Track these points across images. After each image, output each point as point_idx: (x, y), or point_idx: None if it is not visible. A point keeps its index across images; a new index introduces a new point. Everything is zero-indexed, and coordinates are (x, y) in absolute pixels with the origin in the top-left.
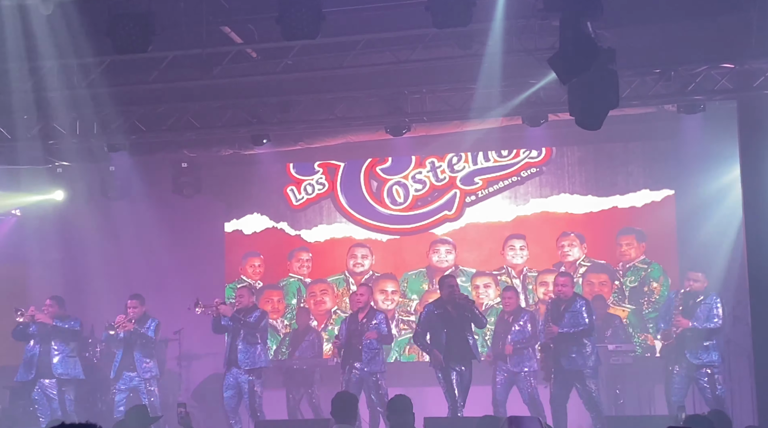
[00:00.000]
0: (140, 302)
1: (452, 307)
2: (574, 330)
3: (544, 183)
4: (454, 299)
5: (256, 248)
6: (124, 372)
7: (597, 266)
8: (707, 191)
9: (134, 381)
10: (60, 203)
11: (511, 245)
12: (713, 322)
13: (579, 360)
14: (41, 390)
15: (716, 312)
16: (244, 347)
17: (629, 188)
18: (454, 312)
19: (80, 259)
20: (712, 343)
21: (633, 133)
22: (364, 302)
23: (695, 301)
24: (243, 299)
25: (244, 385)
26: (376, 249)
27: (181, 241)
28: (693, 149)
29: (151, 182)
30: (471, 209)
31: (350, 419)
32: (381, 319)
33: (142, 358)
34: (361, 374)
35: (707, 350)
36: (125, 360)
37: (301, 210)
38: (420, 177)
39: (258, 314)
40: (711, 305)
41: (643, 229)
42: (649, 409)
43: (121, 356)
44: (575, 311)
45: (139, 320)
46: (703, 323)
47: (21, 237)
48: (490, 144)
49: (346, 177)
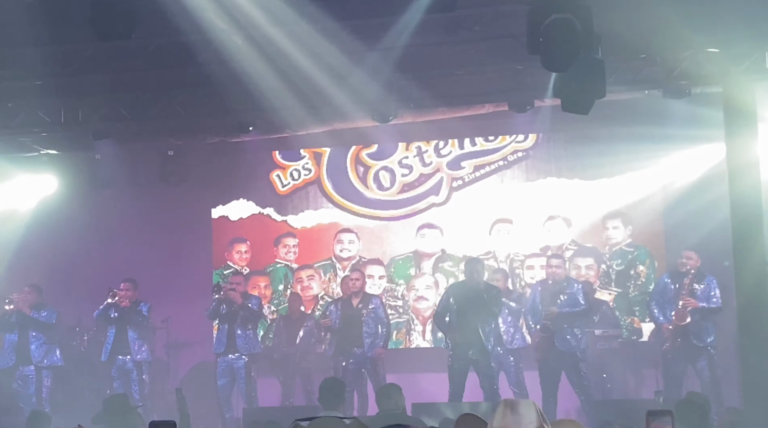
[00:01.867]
0: (133, 286)
1: (472, 291)
2: (572, 311)
3: (531, 167)
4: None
5: (242, 234)
6: (116, 355)
7: (583, 250)
8: (694, 175)
9: (128, 365)
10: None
11: (498, 229)
12: (713, 302)
13: (573, 342)
14: (22, 378)
15: (715, 293)
16: (243, 333)
17: (615, 172)
18: (473, 297)
19: (66, 247)
20: (710, 324)
21: (619, 118)
22: (359, 287)
23: (691, 280)
24: (240, 287)
25: (241, 370)
26: (363, 234)
27: (169, 228)
28: (679, 134)
29: (138, 170)
30: (458, 193)
31: (338, 404)
32: (377, 304)
33: (136, 339)
34: (360, 360)
35: (708, 331)
36: (118, 341)
37: (288, 196)
38: (407, 162)
39: (257, 302)
40: (709, 285)
41: (630, 213)
42: (636, 393)
43: (114, 337)
44: (572, 292)
45: (131, 304)
46: (704, 303)
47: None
48: (477, 131)
49: (333, 163)
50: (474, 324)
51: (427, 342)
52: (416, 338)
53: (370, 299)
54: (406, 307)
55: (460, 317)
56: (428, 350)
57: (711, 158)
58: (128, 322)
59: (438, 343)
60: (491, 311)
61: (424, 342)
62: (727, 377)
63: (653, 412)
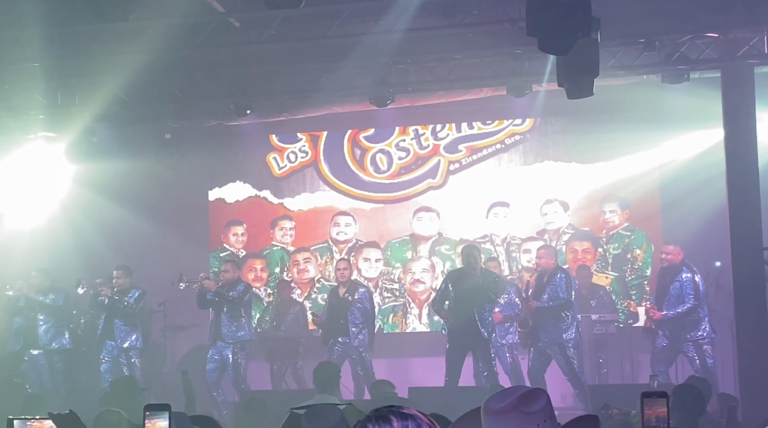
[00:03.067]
0: (125, 273)
1: (469, 278)
2: (552, 304)
3: (528, 151)
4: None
5: (238, 217)
6: (105, 340)
7: (580, 234)
8: (691, 160)
9: (115, 351)
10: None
11: (494, 213)
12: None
13: (554, 333)
14: (30, 361)
15: (689, 291)
16: (228, 320)
17: (613, 156)
18: (470, 283)
19: (64, 230)
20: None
21: (617, 103)
22: (347, 277)
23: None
24: (228, 274)
25: (228, 357)
26: (359, 217)
27: (166, 211)
28: (677, 119)
29: (135, 153)
30: (455, 176)
31: (332, 389)
32: (362, 294)
33: (122, 326)
34: (346, 348)
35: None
36: (106, 327)
37: (284, 178)
38: (404, 145)
39: (241, 289)
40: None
41: (627, 197)
42: (632, 379)
43: (103, 323)
44: (554, 284)
45: (124, 291)
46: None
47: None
48: (474, 115)
49: (330, 145)
50: (471, 309)
51: (424, 325)
52: (413, 321)
53: (357, 289)
54: (403, 290)
55: (457, 304)
56: (425, 334)
57: (709, 142)
58: (114, 312)
59: (435, 327)
60: (488, 297)
61: (420, 325)
62: (725, 365)
63: (648, 394)
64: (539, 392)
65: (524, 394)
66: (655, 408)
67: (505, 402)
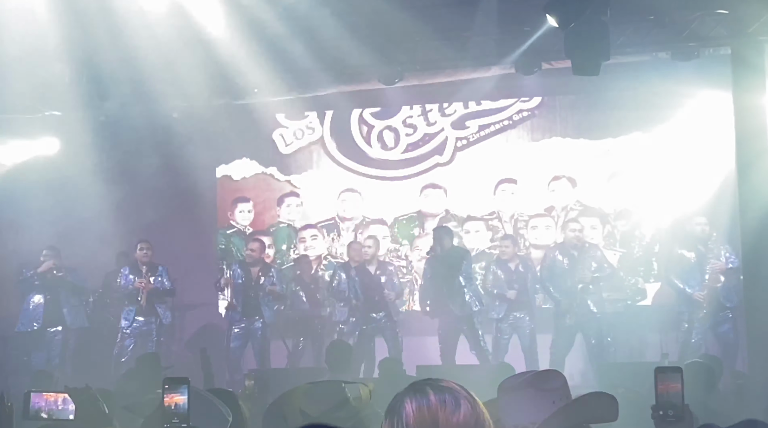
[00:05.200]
0: (149, 246)
1: (439, 260)
2: (600, 275)
3: (536, 127)
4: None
5: (245, 194)
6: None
7: (588, 210)
8: (701, 135)
9: (146, 326)
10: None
11: (502, 190)
12: (732, 261)
13: (595, 308)
14: (46, 338)
15: (730, 254)
16: (267, 301)
17: (621, 131)
18: (439, 264)
19: (73, 209)
20: (734, 286)
21: (626, 81)
22: (372, 254)
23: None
24: (255, 254)
25: (257, 332)
26: (366, 194)
27: (174, 190)
28: (686, 97)
29: (143, 132)
30: (462, 153)
31: (345, 368)
32: (393, 270)
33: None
34: (380, 324)
35: (734, 291)
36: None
37: (291, 155)
38: (411, 122)
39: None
40: (724, 247)
41: (635, 173)
42: (640, 357)
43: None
44: (596, 257)
45: (150, 268)
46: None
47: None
48: (483, 94)
49: (336, 122)
50: (443, 289)
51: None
52: None
53: (386, 266)
54: (410, 267)
55: (434, 288)
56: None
57: (718, 119)
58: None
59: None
60: (456, 273)
61: None
62: None
63: (662, 368)
64: (556, 372)
65: (541, 372)
66: (669, 384)
67: (520, 380)
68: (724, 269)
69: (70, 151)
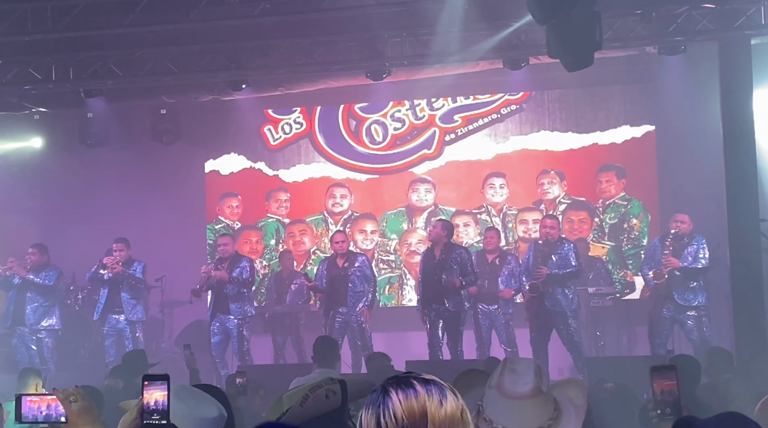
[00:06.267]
0: (126, 246)
1: (438, 250)
2: (563, 272)
3: (524, 121)
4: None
5: (233, 189)
6: (109, 314)
7: (577, 204)
8: (688, 129)
9: (120, 324)
10: (38, 150)
11: (491, 184)
12: (700, 262)
13: (563, 302)
14: (19, 337)
15: (703, 254)
16: (235, 296)
17: (609, 125)
18: (439, 255)
19: (59, 206)
20: (698, 284)
21: (614, 76)
22: (345, 249)
23: (683, 242)
24: (228, 248)
25: (233, 330)
26: (355, 189)
27: (162, 185)
28: (673, 91)
29: (130, 128)
30: (450, 147)
31: (331, 363)
32: (362, 261)
33: (129, 300)
34: (346, 318)
35: (694, 291)
36: (110, 301)
37: (279, 150)
38: (399, 115)
39: (248, 267)
40: (698, 246)
41: (623, 165)
42: (629, 351)
43: (106, 297)
44: (563, 253)
45: (125, 263)
46: (692, 263)
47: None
48: (471, 88)
49: (324, 116)
50: (429, 284)
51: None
52: (409, 292)
53: (356, 258)
54: (399, 262)
55: (424, 284)
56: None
57: (705, 112)
58: (120, 283)
59: None
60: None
61: (416, 297)
62: (721, 337)
63: (657, 367)
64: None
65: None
66: (664, 382)
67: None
68: (678, 267)
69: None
